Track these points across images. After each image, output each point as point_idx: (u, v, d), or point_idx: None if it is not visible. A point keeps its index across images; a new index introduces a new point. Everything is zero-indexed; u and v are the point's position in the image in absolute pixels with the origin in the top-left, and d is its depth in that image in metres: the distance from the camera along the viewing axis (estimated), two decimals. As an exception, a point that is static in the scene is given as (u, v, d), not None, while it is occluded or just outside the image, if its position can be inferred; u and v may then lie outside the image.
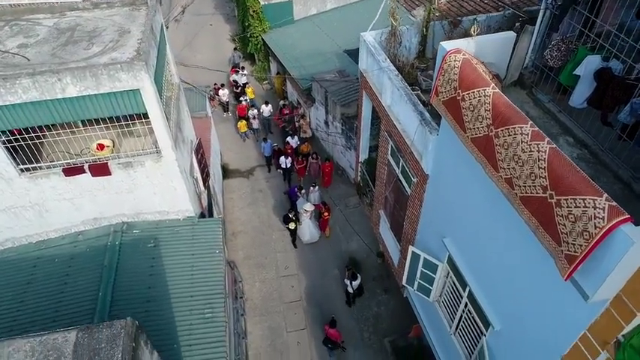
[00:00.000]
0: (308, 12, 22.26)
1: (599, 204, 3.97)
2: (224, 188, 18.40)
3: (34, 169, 8.83)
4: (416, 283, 9.01)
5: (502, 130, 5.06)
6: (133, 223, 10.13)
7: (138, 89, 8.07)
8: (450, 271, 7.96)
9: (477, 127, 5.50)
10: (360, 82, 10.82)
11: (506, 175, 5.08)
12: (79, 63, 7.90)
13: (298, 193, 16.51)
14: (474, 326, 7.64)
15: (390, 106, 9.13)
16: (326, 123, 18.50)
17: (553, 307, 5.31)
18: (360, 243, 16.25)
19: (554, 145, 4.50)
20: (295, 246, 16.13)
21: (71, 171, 8.96)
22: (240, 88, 22.02)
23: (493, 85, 5.33)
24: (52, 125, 8.75)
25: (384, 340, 13.72)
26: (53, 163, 8.93)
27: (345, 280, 13.86)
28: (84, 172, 9.03)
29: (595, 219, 3.99)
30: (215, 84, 21.54)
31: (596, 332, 4.77)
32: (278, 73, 21.62)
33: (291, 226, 15.64)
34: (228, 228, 16.96)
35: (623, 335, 4.50)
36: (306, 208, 15.68)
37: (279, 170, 18.55)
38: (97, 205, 9.68)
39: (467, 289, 7.43)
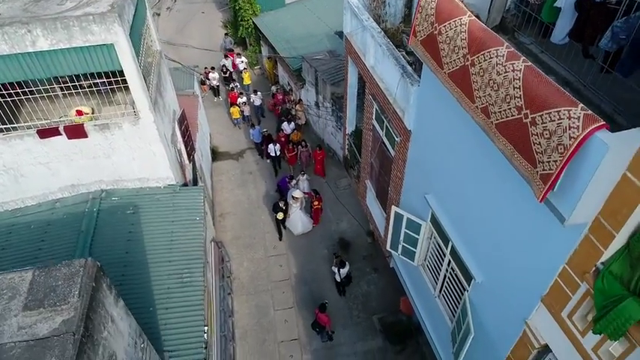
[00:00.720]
0: (299, -5, 22.00)
1: (575, 114, 3.76)
2: (213, 170, 18.18)
3: (7, 129, 8.59)
4: (400, 247, 8.79)
5: (478, 57, 4.84)
6: (111, 191, 9.89)
7: (112, 44, 7.85)
8: (433, 230, 7.74)
9: (454, 60, 5.28)
10: (345, 48, 10.61)
11: (482, 104, 4.87)
12: (50, 16, 7.66)
13: (289, 184, 15.72)
14: (456, 284, 7.42)
15: (373, 66, 8.91)
16: (316, 104, 18.26)
17: (532, 244, 5.10)
18: (350, 223, 16.03)
19: (530, 63, 4.29)
20: (280, 238, 15.45)
21: (46, 132, 8.73)
22: (229, 73, 21.72)
23: (469, 13, 5.11)
24: (30, 91, 8.55)
25: (373, 318, 13.49)
26: (27, 124, 8.69)
27: (333, 267, 13.32)
28: (59, 134, 8.80)
29: (570, 129, 3.77)
30: (205, 68, 21.30)
31: (575, 264, 4.55)
32: (269, 58, 21.38)
33: (279, 216, 14.98)
34: (217, 209, 16.73)
35: (602, 263, 4.28)
36: (295, 194, 14.92)
37: (267, 160, 18.03)
38: (74, 170, 9.44)
39: (449, 245, 7.21)
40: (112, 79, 8.42)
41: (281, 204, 14.93)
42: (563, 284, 4.78)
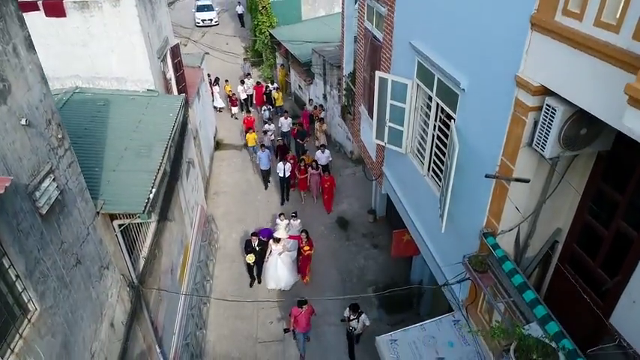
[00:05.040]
0: (316, 13, 22.88)
1: None
2: (215, 157, 17.63)
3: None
4: (387, 132, 7.71)
5: None
6: (86, 88, 9.40)
7: None
8: (420, 82, 6.78)
9: None
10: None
11: None
12: None
13: (278, 219, 12.73)
14: (444, 134, 6.29)
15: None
16: (324, 96, 17.99)
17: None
18: (350, 205, 14.87)
19: None
20: (252, 284, 12.16)
21: (24, 6, 8.46)
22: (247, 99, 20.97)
23: None
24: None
25: (367, 289, 11.82)
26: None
27: (345, 314, 9.76)
28: (37, 9, 8.58)
29: None
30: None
31: None
32: (282, 65, 21.68)
33: (249, 259, 11.63)
34: (212, 188, 15.93)
35: None
36: (278, 235, 12.00)
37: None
38: (49, 58, 8.94)
39: (434, 81, 6.23)
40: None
41: (254, 241, 11.78)
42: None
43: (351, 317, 9.48)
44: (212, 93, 20.20)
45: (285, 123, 17.39)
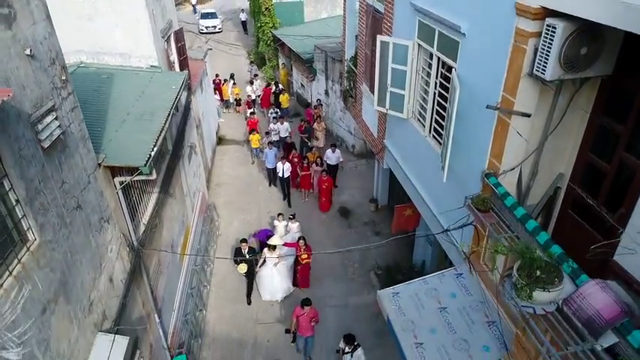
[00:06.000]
0: (319, 15, 23.20)
1: None
2: (217, 152, 17.69)
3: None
4: (388, 97, 7.74)
5: None
6: (90, 64, 9.50)
7: None
8: (420, 42, 6.83)
9: None
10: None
11: None
12: None
13: (276, 221, 12.37)
14: (444, 89, 6.32)
15: None
16: (326, 92, 18.11)
17: None
18: (352, 196, 14.85)
19: None
20: (249, 302, 11.09)
21: (31, -21, 8.66)
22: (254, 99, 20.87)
23: None
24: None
25: (369, 274, 11.71)
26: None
27: (340, 345, 8.57)
28: (44, -19, 8.70)
29: None
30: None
31: None
32: (283, 64, 21.88)
33: (241, 268, 10.69)
34: (214, 180, 15.94)
35: None
36: (272, 242, 10.88)
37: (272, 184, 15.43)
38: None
39: (435, 36, 6.28)
40: None
41: (244, 248, 10.76)
42: None
43: (346, 350, 8.22)
44: (226, 89, 20.59)
45: (282, 128, 16.76)
